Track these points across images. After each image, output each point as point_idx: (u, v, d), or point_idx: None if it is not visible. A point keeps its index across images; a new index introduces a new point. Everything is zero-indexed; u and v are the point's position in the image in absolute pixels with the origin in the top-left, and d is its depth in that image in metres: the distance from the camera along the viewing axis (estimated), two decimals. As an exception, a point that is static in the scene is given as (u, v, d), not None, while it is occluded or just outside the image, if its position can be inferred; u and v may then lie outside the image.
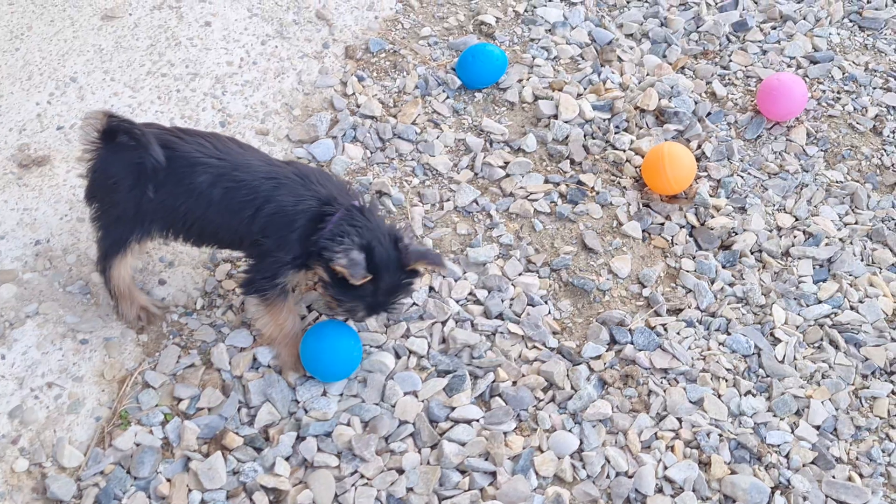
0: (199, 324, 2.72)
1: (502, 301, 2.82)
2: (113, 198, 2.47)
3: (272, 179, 2.45)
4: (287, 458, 2.45)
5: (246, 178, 2.44)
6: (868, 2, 3.78)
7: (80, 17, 3.35)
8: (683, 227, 3.05)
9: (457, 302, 2.82)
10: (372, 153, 3.17)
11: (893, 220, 3.09)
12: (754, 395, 2.67)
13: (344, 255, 2.34)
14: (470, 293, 2.84)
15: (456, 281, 2.86)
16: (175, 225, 2.50)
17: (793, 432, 2.59)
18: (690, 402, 2.63)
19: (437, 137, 3.22)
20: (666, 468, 2.49)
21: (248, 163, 2.48)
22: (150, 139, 2.37)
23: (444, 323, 2.76)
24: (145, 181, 2.40)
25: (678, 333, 2.78)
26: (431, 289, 2.84)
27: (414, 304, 2.78)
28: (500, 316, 2.80)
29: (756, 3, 3.77)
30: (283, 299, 2.54)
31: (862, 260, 2.99)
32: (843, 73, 3.51)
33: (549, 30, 3.61)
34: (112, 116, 2.40)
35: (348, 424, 2.52)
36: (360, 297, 2.45)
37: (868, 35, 3.68)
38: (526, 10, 3.67)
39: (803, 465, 2.53)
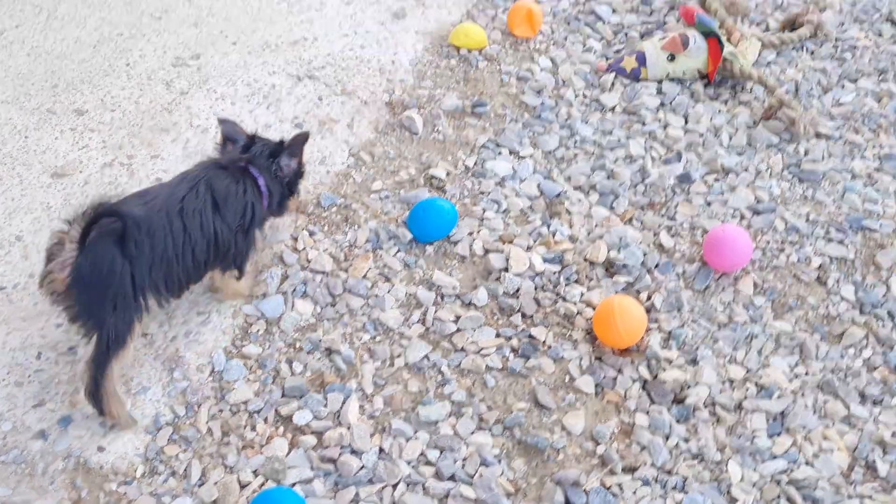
0: (140, 493, 2.61)
1: (454, 461, 2.75)
2: (110, 282, 2.52)
3: (200, 180, 2.81)
4: None
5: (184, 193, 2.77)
6: (805, 154, 3.91)
7: (28, 175, 3.34)
8: (636, 380, 3.03)
9: (408, 463, 2.74)
10: (322, 308, 3.14)
11: (843, 370, 3.11)
12: (714, 559, 2.60)
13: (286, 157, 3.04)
14: (421, 454, 2.77)
15: (407, 441, 2.79)
16: (172, 269, 2.68)
17: None
18: (649, 567, 2.55)
19: (388, 291, 3.21)
20: None
21: (171, 183, 2.82)
22: (118, 206, 2.56)
23: (394, 486, 2.68)
24: (129, 247, 2.53)
25: (634, 493, 2.72)
26: (381, 450, 2.76)
27: (363, 466, 2.70)
28: (452, 477, 2.72)
29: (699, 156, 3.88)
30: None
31: (815, 412, 2.98)
32: (786, 224, 3.59)
33: (499, 182, 3.67)
34: (100, 205, 2.52)
35: None
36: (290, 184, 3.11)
37: (808, 187, 3.78)
38: (476, 164, 3.74)
39: None
